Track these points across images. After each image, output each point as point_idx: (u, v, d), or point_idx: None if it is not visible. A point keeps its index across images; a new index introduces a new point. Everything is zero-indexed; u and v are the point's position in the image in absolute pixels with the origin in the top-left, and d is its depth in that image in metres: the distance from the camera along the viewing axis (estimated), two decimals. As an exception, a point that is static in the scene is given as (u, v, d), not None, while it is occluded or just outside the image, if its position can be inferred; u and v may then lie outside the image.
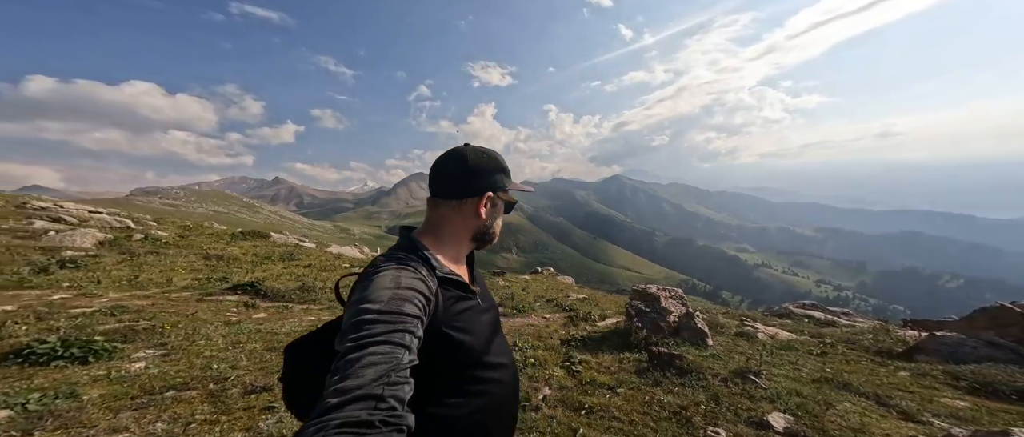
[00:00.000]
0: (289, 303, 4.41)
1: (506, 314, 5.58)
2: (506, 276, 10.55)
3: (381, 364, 0.47)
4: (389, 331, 0.51)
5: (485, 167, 0.74)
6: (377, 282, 0.57)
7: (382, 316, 0.52)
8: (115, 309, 3.30)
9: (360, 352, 0.48)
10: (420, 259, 0.66)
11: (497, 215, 0.80)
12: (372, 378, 0.45)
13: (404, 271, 0.60)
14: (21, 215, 6.04)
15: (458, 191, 0.72)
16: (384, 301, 0.54)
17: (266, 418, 1.86)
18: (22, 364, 2.13)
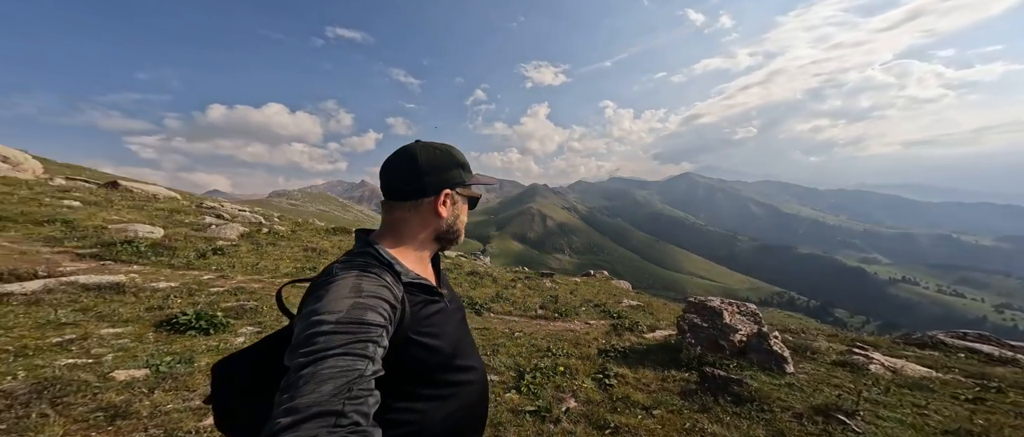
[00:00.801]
0: (355, 292, 5.10)
1: (545, 317, 5.52)
2: (554, 277, 10.40)
3: (341, 378, 0.44)
4: (349, 342, 0.47)
5: (439, 164, 0.71)
6: (335, 291, 0.54)
7: (341, 327, 0.49)
8: (237, 290, 4.23)
9: (316, 366, 0.44)
10: (383, 265, 0.63)
11: (459, 212, 0.76)
12: (331, 393, 0.42)
13: (366, 278, 0.57)
14: (198, 213, 8.12)
15: (413, 191, 0.69)
16: (343, 310, 0.51)
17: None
18: (169, 331, 2.84)
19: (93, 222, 5.44)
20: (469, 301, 5.58)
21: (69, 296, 3.14)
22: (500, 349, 3.40)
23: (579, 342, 3.98)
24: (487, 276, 8.13)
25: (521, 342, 3.74)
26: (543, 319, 5.40)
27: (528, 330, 4.42)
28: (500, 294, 6.49)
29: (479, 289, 6.86)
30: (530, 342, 3.78)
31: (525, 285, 8.04)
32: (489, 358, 3.13)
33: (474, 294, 6.21)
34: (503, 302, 6.03)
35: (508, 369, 2.93)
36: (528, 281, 8.62)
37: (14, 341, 2.34)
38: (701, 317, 3.81)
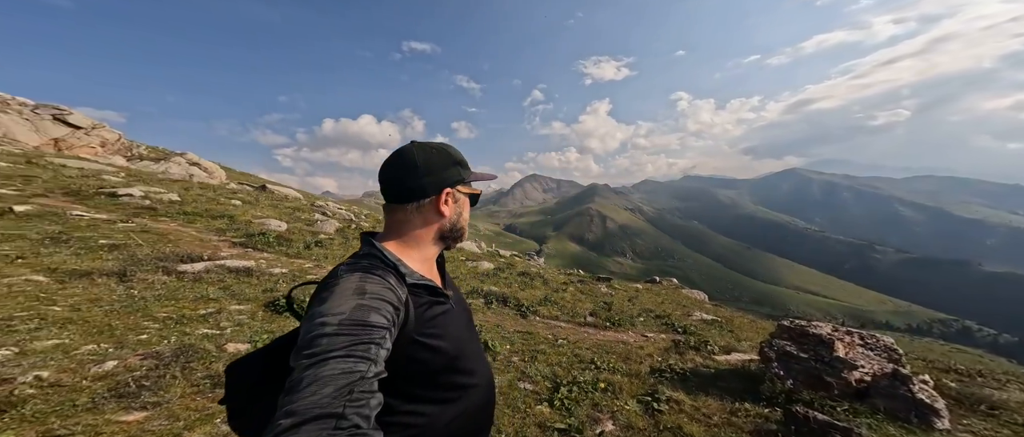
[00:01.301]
0: (413, 285, 5.56)
1: (595, 325, 5.21)
2: (612, 283, 9.74)
3: (342, 379, 0.44)
4: (352, 343, 0.48)
5: (437, 163, 0.71)
6: (339, 292, 0.54)
7: (344, 328, 0.49)
8: None
9: (318, 367, 0.44)
10: (386, 266, 0.63)
11: (462, 210, 0.76)
12: (332, 395, 0.42)
13: (370, 280, 0.58)
14: (311, 210, 9.86)
15: (413, 192, 0.69)
16: (346, 312, 0.51)
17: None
18: (272, 311, 3.43)
19: (245, 217, 6.93)
20: (516, 302, 5.60)
21: (218, 276, 4.05)
22: (539, 356, 3.32)
23: (630, 356, 3.65)
24: (538, 277, 8.06)
25: (563, 350, 3.59)
26: (592, 327, 5.11)
27: (574, 337, 4.22)
28: (549, 297, 6.36)
29: (528, 290, 6.84)
30: (573, 351, 3.60)
31: (578, 289, 7.74)
32: (527, 364, 3.08)
33: (522, 296, 6.21)
34: (551, 306, 5.89)
35: (544, 378, 2.84)
36: (581, 285, 8.29)
37: (177, 310, 3.12)
38: (797, 344, 3.13)
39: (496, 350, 3.26)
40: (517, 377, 2.82)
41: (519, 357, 3.26)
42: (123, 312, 2.79)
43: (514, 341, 3.67)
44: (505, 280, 7.19)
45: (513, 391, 2.57)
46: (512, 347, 3.50)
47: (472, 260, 8.28)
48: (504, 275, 7.56)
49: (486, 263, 8.21)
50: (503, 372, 2.88)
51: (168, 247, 4.51)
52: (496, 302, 5.44)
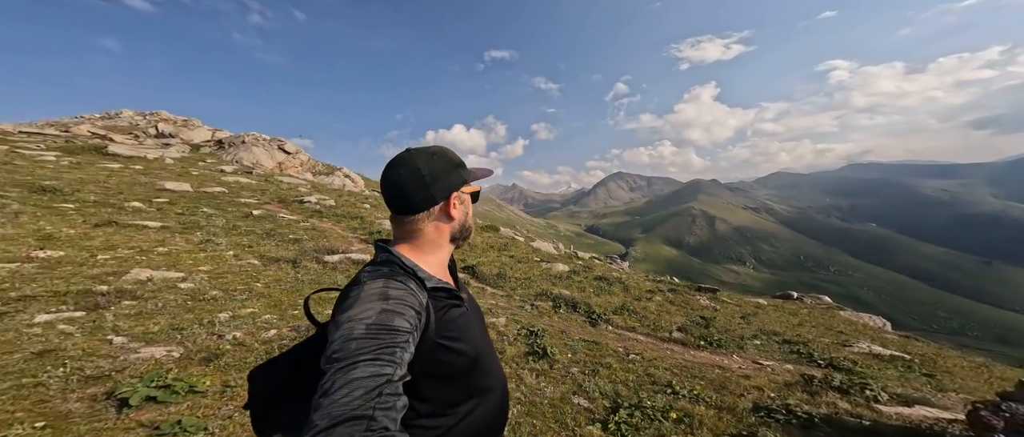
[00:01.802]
0: (486, 286, 5.83)
1: (683, 343, 4.47)
2: (719, 295, 8.06)
3: (371, 382, 0.46)
4: (379, 348, 0.50)
5: (442, 169, 0.71)
6: (364, 297, 0.57)
7: (371, 332, 0.51)
8: None
9: (348, 370, 0.47)
10: (406, 272, 0.65)
11: (468, 209, 0.78)
12: (362, 397, 0.45)
13: (392, 285, 0.60)
14: None
15: (423, 202, 0.69)
16: (372, 317, 0.53)
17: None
18: None
19: (371, 218, 8.66)
20: (587, 308, 5.26)
21: (345, 266, 5.11)
22: (603, 370, 3.00)
23: (726, 385, 2.96)
24: (617, 283, 7.41)
25: (634, 367, 3.16)
26: (679, 344, 4.38)
27: (651, 354, 3.68)
28: (627, 306, 5.77)
29: (603, 297, 6.35)
30: (646, 369, 3.13)
31: (666, 299, 6.79)
32: (586, 377, 2.83)
33: (595, 302, 5.81)
34: (629, 315, 5.32)
35: (603, 396, 2.54)
36: (672, 294, 7.23)
37: (311, 293, 4.09)
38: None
39: (555, 357, 3.11)
40: (572, 390, 2.62)
41: (579, 368, 3.02)
42: (290, 291, 3.78)
43: (577, 350, 3.43)
44: (579, 284, 6.87)
45: (565, 405, 2.39)
46: (573, 356, 3.28)
47: (547, 261, 8.20)
48: (578, 279, 7.22)
49: (561, 265, 8.02)
50: (558, 383, 2.71)
51: (322, 242, 5.94)
52: (565, 307, 5.22)
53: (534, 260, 8.18)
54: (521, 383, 2.64)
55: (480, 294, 5.22)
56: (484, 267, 6.58)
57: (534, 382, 2.68)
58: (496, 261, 7.43)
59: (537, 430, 2.10)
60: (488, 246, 8.86)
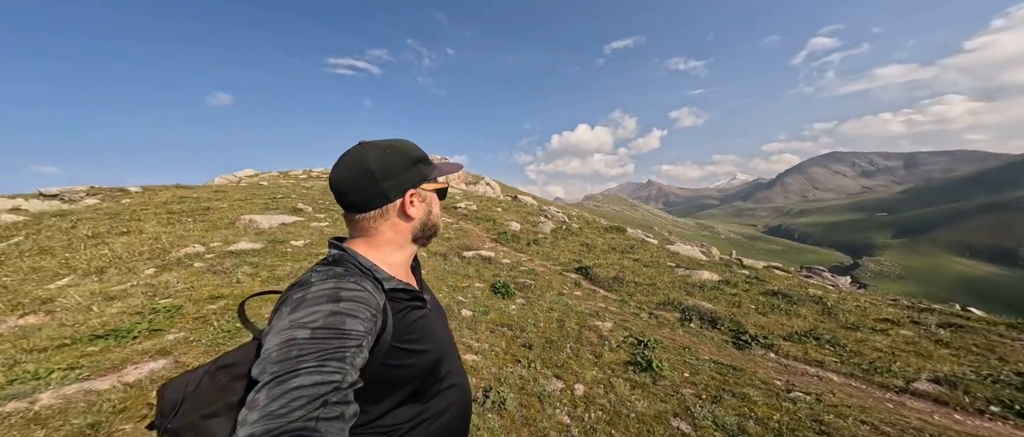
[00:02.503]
0: (599, 289, 5.47)
1: (944, 401, 2.74)
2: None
3: (314, 391, 0.42)
4: (325, 353, 0.45)
5: (395, 165, 0.65)
6: (312, 299, 0.51)
7: (317, 336, 0.46)
8: (531, 271, 6.11)
9: (288, 380, 0.42)
10: (362, 272, 0.60)
11: (430, 207, 0.72)
12: (303, 407, 0.40)
13: (344, 286, 0.54)
14: (538, 214, 12.60)
15: (373, 199, 0.64)
16: (319, 320, 0.48)
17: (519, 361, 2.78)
18: (493, 292, 4.68)
19: (502, 220, 9.99)
20: (733, 327, 4.00)
21: (475, 262, 6.14)
22: (727, 399, 2.21)
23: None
24: (810, 302, 5.26)
25: (792, 408, 2.17)
26: (925, 399, 2.66)
27: (839, 400, 2.40)
28: (820, 333, 4.01)
29: (772, 316, 4.66)
30: (815, 414, 2.08)
31: (926, 336, 4.23)
32: (701, 403, 2.16)
33: (753, 321, 4.34)
34: (816, 345, 3.69)
35: (717, 428, 1.88)
36: (950, 331, 4.40)
37: (456, 282, 5.10)
38: None
39: (661, 372, 2.57)
40: (674, 411, 2.08)
41: (693, 390, 2.36)
42: (436, 280, 4.94)
43: (699, 371, 2.69)
44: (731, 297, 5.32)
45: (657, 425, 1.95)
46: (691, 376, 2.59)
47: (685, 268, 6.82)
48: (731, 291, 5.60)
49: (706, 273, 6.47)
50: (657, 400, 2.23)
51: (464, 240, 7.41)
52: (699, 320, 4.18)
53: (666, 265, 6.96)
54: (611, 391, 2.36)
55: (590, 297, 4.96)
56: (600, 269, 6.20)
57: (627, 393, 2.33)
58: (616, 264, 6.83)
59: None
60: (610, 248, 8.27)
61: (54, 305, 2.92)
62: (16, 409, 1.68)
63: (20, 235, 5.16)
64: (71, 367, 2.02)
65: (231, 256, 4.44)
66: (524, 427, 1.95)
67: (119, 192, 9.01)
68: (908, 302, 6.49)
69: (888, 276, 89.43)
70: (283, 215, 7.07)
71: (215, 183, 14.09)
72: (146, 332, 2.45)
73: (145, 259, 4.26)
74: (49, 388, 1.83)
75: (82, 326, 2.52)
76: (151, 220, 6.12)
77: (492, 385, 2.32)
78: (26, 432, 1.56)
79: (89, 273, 3.78)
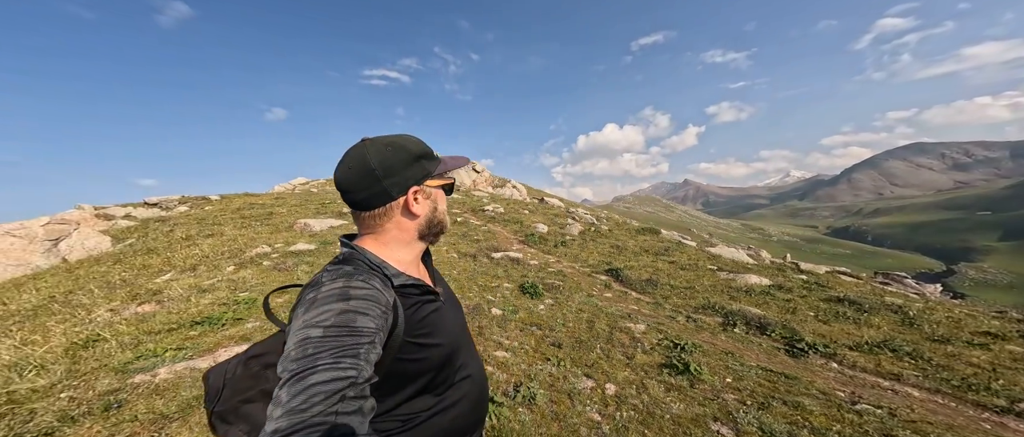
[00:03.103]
0: (631, 291, 5.26)
1: None
2: None
3: (332, 387, 0.44)
4: (340, 350, 0.47)
5: (396, 162, 0.64)
6: (323, 298, 0.53)
7: (330, 334, 0.48)
8: (559, 272, 6.01)
9: (306, 377, 0.44)
10: (371, 270, 0.61)
11: (436, 203, 0.72)
12: (322, 403, 0.42)
13: (354, 285, 0.56)
14: (565, 216, 12.39)
15: (376, 198, 0.64)
16: (331, 319, 0.50)
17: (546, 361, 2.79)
18: (521, 292, 4.70)
19: (529, 222, 10.04)
20: (786, 333, 3.63)
21: (504, 263, 6.18)
22: (777, 406, 2.01)
23: None
24: (886, 310, 4.66)
25: (856, 420, 1.92)
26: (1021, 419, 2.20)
27: (919, 416, 2.08)
28: (896, 343, 3.53)
29: (836, 324, 4.17)
30: (886, 430, 1.82)
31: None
32: (745, 409, 1.99)
33: (811, 328, 3.92)
34: (893, 356, 3.24)
35: (763, 434, 1.70)
36: None
37: (485, 283, 5.20)
38: None
39: (700, 376, 2.41)
40: (714, 415, 1.94)
41: (737, 396, 2.18)
42: (466, 280, 5.09)
43: (744, 377, 2.49)
44: (783, 303, 4.85)
45: (694, 427, 1.83)
46: (734, 381, 2.40)
47: (728, 271, 6.34)
48: (784, 297, 5.10)
49: (753, 277, 5.97)
50: (695, 403, 2.10)
51: (492, 242, 7.56)
52: (745, 326, 3.86)
53: (707, 268, 6.50)
54: (644, 391, 2.28)
55: (621, 298, 4.79)
56: (631, 271, 5.96)
57: (661, 394, 2.23)
58: (649, 266, 6.52)
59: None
60: (642, 250, 7.91)
61: (162, 296, 3.48)
62: (143, 381, 2.04)
63: (132, 237, 6.21)
64: (179, 348, 2.40)
65: (292, 256, 4.97)
66: (554, 422, 1.95)
67: (202, 200, 10.47)
68: (1018, 314, 5.43)
69: (993, 285, 74.66)
70: (331, 219, 7.74)
71: (275, 190, 15.80)
72: (231, 320, 2.83)
73: (226, 257, 4.91)
74: (165, 365, 2.19)
75: (184, 314, 2.98)
76: (228, 224, 7.03)
77: (522, 381, 2.34)
78: (150, 401, 1.88)
79: (185, 269, 4.45)
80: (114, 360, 2.23)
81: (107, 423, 1.69)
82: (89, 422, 1.69)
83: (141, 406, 1.81)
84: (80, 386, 1.99)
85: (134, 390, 1.94)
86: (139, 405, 1.82)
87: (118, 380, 2.04)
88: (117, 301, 3.49)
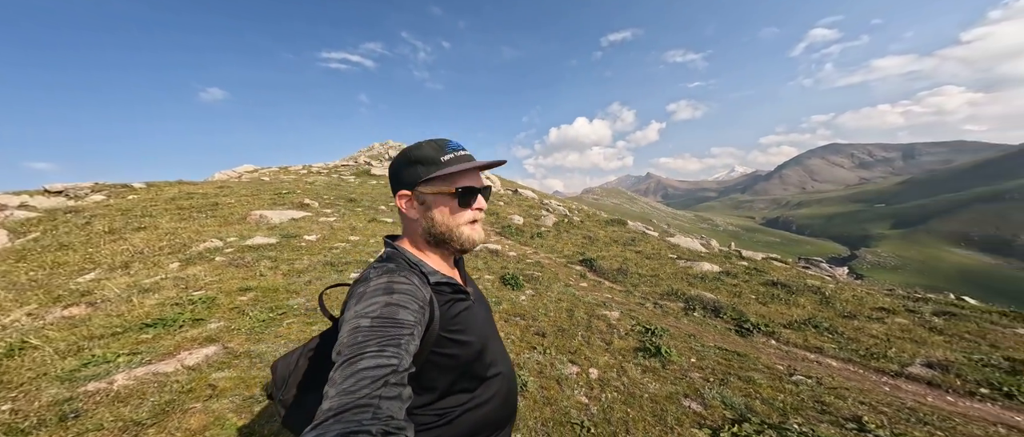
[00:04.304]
0: (604, 280, 5.61)
1: (937, 384, 2.97)
2: None
3: (377, 373, 0.48)
4: (384, 340, 0.52)
5: (397, 165, 0.71)
6: (371, 292, 0.58)
7: (376, 325, 0.53)
8: (536, 263, 6.19)
9: (356, 362, 0.48)
10: (410, 267, 0.67)
11: (432, 209, 0.70)
12: (368, 386, 0.46)
13: (396, 280, 0.61)
14: (539, 208, 12.73)
15: (396, 199, 0.72)
16: (377, 311, 0.55)
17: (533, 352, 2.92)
18: (503, 284, 4.70)
19: (503, 213, 10.12)
20: (735, 315, 4.15)
21: (483, 255, 6.18)
22: (734, 381, 2.36)
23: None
24: (809, 292, 5.43)
25: (794, 389, 2.32)
26: (919, 383, 2.82)
27: (839, 383, 2.55)
28: (818, 321, 4.17)
29: (772, 306, 4.82)
30: (817, 395, 2.23)
31: (920, 323, 4.40)
32: (709, 385, 2.31)
33: (754, 310, 4.50)
34: (816, 332, 3.84)
35: (725, 407, 2.02)
36: (943, 318, 4.58)
37: None
38: None
39: (670, 358, 2.72)
40: (684, 392, 2.23)
41: (701, 374, 2.50)
42: None
43: (705, 356, 2.84)
44: (731, 288, 5.48)
45: (669, 404, 2.09)
46: (698, 361, 2.74)
47: (686, 259, 6.97)
48: (731, 282, 5.76)
49: (706, 265, 6.63)
50: (668, 383, 2.37)
51: None
52: (702, 310, 4.33)
53: (668, 257, 7.11)
54: (623, 374, 2.51)
55: (596, 288, 5.11)
56: (604, 261, 6.34)
57: (638, 376, 2.47)
58: (619, 256, 6.97)
59: (629, 418, 1.98)
60: (612, 240, 8.41)
61: (94, 297, 3.03)
62: (98, 389, 1.81)
63: (37, 231, 5.24)
64: (133, 352, 2.15)
65: (250, 251, 4.55)
66: (546, 406, 2.09)
67: (124, 188, 9.04)
68: (904, 292, 6.67)
69: (884, 267, 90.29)
70: (292, 210, 7.14)
71: (216, 178, 14.08)
72: (190, 321, 2.57)
73: (166, 253, 4.36)
74: (120, 370, 1.96)
75: (128, 316, 2.63)
76: (164, 216, 6.19)
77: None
78: (113, 408, 1.69)
79: (114, 267, 3.88)
80: (55, 369, 1.97)
81: (68, 433, 1.51)
82: (45, 433, 1.50)
83: (105, 414, 1.64)
84: (20, 398, 1.73)
85: (90, 398, 1.74)
86: (102, 413, 1.64)
87: (67, 389, 1.81)
88: (33, 304, 2.99)
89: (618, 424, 1.93)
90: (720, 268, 6.51)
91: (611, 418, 2.00)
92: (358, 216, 7.58)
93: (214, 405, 1.75)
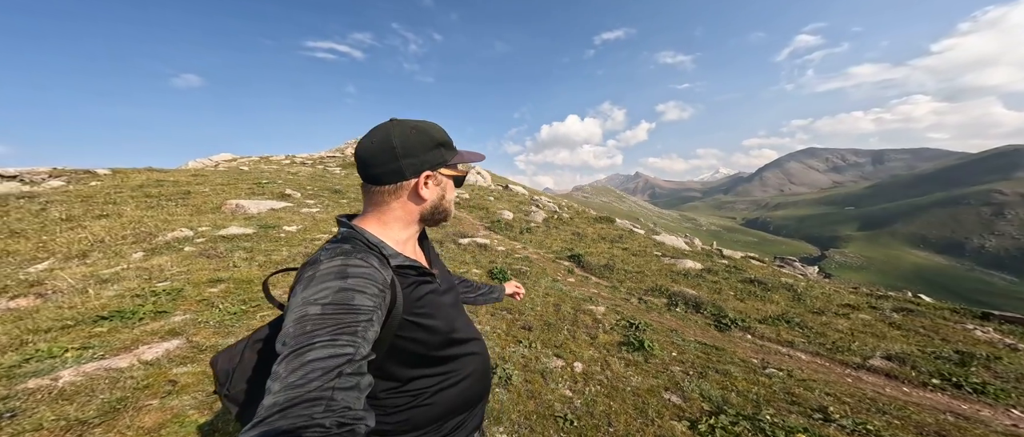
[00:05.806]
0: (591, 276, 5.70)
1: (895, 376, 3.13)
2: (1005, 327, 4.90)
3: (330, 364, 0.44)
4: (337, 328, 0.47)
5: (417, 144, 0.66)
6: (320, 277, 0.53)
7: (327, 311, 0.49)
8: (525, 258, 6.21)
9: (304, 353, 0.44)
10: (369, 248, 0.62)
11: (444, 192, 0.73)
12: (319, 378, 0.42)
13: (352, 263, 0.56)
14: (530, 203, 12.78)
15: (391, 175, 0.65)
16: (329, 297, 0.50)
17: (518, 344, 2.94)
18: (491, 279, 4.79)
19: (495, 209, 10.11)
20: (715, 311, 4.30)
21: (472, 249, 6.15)
22: (712, 374, 2.46)
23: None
24: (782, 289, 5.67)
25: (767, 382, 2.44)
26: (879, 375, 3.00)
27: (807, 375, 2.70)
28: (790, 317, 4.37)
29: (749, 302, 5.02)
30: (787, 387, 2.35)
31: (881, 319, 4.66)
32: (689, 379, 2.40)
33: (732, 306, 4.67)
34: (787, 327, 4.03)
35: (704, 399, 2.11)
36: (901, 314, 4.85)
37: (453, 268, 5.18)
38: None
39: (652, 352, 2.79)
40: (665, 385, 2.30)
41: (682, 368, 2.59)
42: None
43: (686, 350, 2.94)
44: (712, 284, 5.67)
45: (651, 397, 2.15)
46: (679, 355, 2.83)
47: (670, 257, 7.16)
48: (713, 279, 5.96)
49: (689, 262, 6.82)
50: (650, 376, 2.44)
51: (459, 228, 7.44)
52: (684, 306, 4.47)
53: (653, 254, 7.28)
54: (607, 368, 2.56)
55: (583, 283, 5.18)
56: (591, 257, 6.44)
57: (622, 370, 2.53)
58: (606, 252, 7.09)
59: (612, 411, 2.03)
60: (599, 237, 8.54)
61: (44, 288, 2.82)
62: (39, 386, 1.68)
63: (-16, 217, 4.83)
64: (84, 347, 2.01)
65: (223, 241, 4.35)
66: (530, 400, 2.11)
67: (86, 174, 8.45)
68: (867, 290, 7.09)
69: (850, 266, 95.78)
70: (271, 201, 6.88)
71: (191, 167, 13.39)
72: (152, 314, 2.43)
73: (130, 243, 4.11)
74: (67, 366, 1.83)
75: (82, 308, 2.47)
76: (129, 203, 5.84)
77: (497, 363, 2.46)
78: (56, 407, 1.57)
79: (70, 257, 3.63)
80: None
81: (2, 434, 1.40)
82: (-25, 434, 1.39)
83: (46, 413, 1.53)
84: (-52, 397, 1.59)
85: (29, 396, 1.62)
86: (43, 412, 1.53)
87: (3, 386, 1.67)
88: (-26, 295, 2.76)
89: (600, 417, 1.97)
90: (702, 265, 6.72)
91: (594, 411, 2.04)
92: (343, 208, 7.39)
93: (173, 402, 1.66)
